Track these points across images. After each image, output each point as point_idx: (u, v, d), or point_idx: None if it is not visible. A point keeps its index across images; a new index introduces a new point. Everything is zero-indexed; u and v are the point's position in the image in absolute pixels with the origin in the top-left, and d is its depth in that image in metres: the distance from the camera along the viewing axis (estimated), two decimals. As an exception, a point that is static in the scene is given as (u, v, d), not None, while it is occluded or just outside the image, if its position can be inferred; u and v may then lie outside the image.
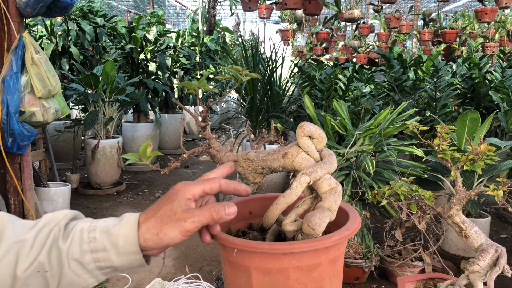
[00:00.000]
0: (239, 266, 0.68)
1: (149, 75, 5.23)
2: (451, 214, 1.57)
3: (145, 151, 0.68)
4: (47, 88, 2.70)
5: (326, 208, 0.69)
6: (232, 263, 0.69)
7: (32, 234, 0.62)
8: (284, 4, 3.33)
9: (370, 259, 2.20)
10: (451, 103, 3.45)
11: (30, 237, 0.62)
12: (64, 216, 0.64)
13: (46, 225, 0.63)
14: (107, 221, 0.64)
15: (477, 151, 1.54)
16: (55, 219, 0.64)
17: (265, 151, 0.84)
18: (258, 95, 3.78)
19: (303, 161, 0.74)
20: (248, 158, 0.82)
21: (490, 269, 1.46)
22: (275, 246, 0.64)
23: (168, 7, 15.62)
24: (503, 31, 5.89)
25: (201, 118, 0.84)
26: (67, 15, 4.71)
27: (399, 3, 11.50)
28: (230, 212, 0.64)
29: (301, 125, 0.78)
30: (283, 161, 0.80)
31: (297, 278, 0.66)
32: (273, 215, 0.72)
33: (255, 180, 0.87)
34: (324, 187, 0.71)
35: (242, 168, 0.84)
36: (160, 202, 0.64)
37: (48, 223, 0.64)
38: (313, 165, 0.71)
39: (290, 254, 0.65)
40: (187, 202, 0.62)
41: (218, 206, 0.63)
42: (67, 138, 4.72)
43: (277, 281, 0.66)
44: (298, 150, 0.77)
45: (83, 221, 0.64)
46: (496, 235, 2.97)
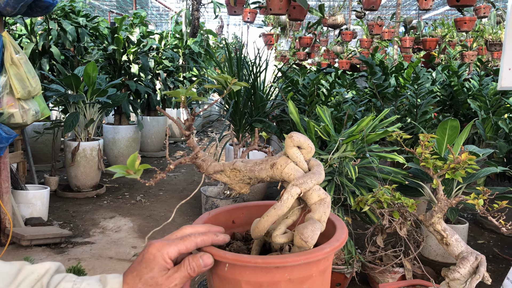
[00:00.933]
0: (229, 280, 0.67)
1: (131, 76, 5.17)
2: (433, 222, 1.59)
3: (133, 164, 0.66)
4: (27, 89, 2.65)
5: (316, 220, 0.69)
6: (222, 277, 0.68)
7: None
8: (269, 9, 3.33)
9: (352, 265, 2.22)
10: (431, 110, 3.51)
11: None
12: (45, 271, 0.63)
13: (25, 278, 0.62)
14: (91, 281, 0.63)
15: (459, 159, 1.57)
16: (35, 272, 0.62)
17: (252, 160, 0.83)
18: (241, 99, 3.78)
19: (292, 172, 0.74)
20: (235, 168, 0.82)
21: (470, 277, 1.48)
22: (269, 260, 0.64)
23: (151, 8, 15.49)
24: (481, 40, 6.04)
25: (186, 127, 0.82)
26: (48, 15, 4.62)
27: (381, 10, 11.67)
28: (206, 264, 0.65)
29: (290, 135, 0.77)
30: (271, 171, 0.80)
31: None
32: (263, 227, 0.72)
33: (242, 190, 0.87)
34: (314, 198, 0.71)
35: (229, 178, 0.83)
36: (139, 269, 0.63)
37: (27, 276, 0.62)
38: (302, 176, 0.71)
39: (282, 268, 0.64)
40: (166, 267, 0.63)
41: (193, 262, 0.64)
42: (46, 139, 4.63)
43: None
44: (287, 160, 0.77)
45: (65, 281, 0.63)
46: (473, 240, 3.03)
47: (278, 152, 0.85)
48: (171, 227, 3.16)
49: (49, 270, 0.63)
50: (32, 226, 2.90)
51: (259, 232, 0.73)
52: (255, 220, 0.79)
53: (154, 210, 3.52)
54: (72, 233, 2.95)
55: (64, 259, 2.56)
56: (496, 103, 3.58)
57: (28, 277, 0.62)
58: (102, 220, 3.27)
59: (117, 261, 2.56)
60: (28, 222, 2.95)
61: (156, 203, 3.69)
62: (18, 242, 2.68)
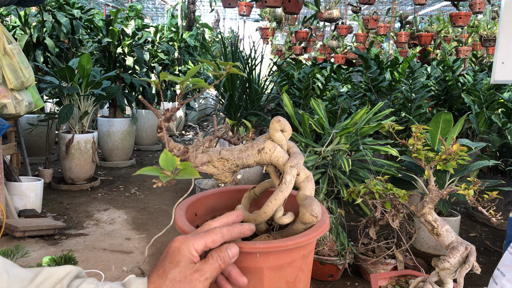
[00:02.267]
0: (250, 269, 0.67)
1: (126, 69, 5.15)
2: (424, 212, 1.60)
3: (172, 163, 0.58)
4: (20, 80, 2.63)
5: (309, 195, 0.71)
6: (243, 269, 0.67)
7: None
8: (264, 2, 3.33)
9: (344, 257, 2.23)
10: (425, 104, 3.52)
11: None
12: (66, 273, 0.61)
13: (45, 280, 0.60)
14: (115, 284, 0.61)
15: (450, 151, 1.58)
16: (55, 275, 0.60)
17: (236, 148, 0.83)
18: (237, 92, 3.78)
19: (280, 155, 0.75)
20: (223, 157, 0.80)
21: (460, 266, 1.50)
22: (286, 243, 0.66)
23: (147, 1, 15.41)
24: (476, 36, 6.05)
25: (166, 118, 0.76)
26: (42, 6, 4.59)
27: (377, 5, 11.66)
28: (233, 254, 0.62)
29: (278, 119, 0.78)
30: (258, 156, 0.80)
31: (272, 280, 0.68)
32: (272, 210, 0.73)
33: (226, 180, 0.86)
34: (302, 176, 0.72)
35: (217, 169, 0.82)
36: (164, 265, 0.60)
37: (47, 278, 0.60)
38: (293, 157, 0.73)
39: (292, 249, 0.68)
40: (192, 261, 0.60)
41: (222, 253, 0.61)
42: (40, 132, 4.61)
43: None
44: (274, 144, 0.78)
45: (87, 283, 0.61)
46: (465, 233, 3.06)
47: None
48: (165, 219, 3.16)
49: (70, 273, 0.62)
50: (25, 217, 2.89)
51: (266, 217, 0.73)
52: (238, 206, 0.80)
53: (148, 202, 3.52)
54: (66, 225, 2.94)
55: (57, 250, 2.56)
56: (490, 98, 3.60)
57: (48, 279, 0.60)
58: (96, 212, 3.27)
59: (110, 252, 2.56)
60: (22, 214, 2.94)
61: (150, 196, 3.69)
62: (11, 234, 2.67)
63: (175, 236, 0.63)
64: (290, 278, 0.67)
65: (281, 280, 0.66)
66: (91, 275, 2.20)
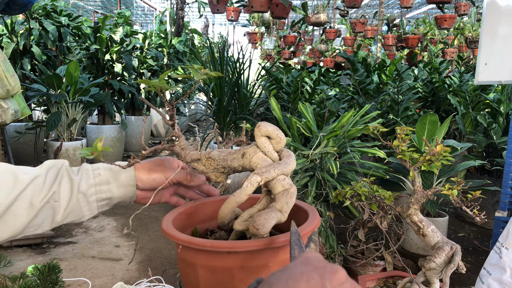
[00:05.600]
0: (187, 263, 0.68)
1: (114, 76, 5.13)
2: (410, 213, 1.61)
3: (96, 146, 0.72)
4: (5, 88, 2.62)
5: (277, 209, 0.68)
6: (182, 260, 0.69)
7: (43, 170, 0.73)
8: (251, 7, 3.34)
9: (333, 259, 2.24)
10: (412, 106, 3.55)
11: (42, 172, 0.72)
12: (63, 161, 0.77)
13: (52, 166, 0.75)
14: (105, 163, 0.79)
15: (434, 151, 1.60)
16: (58, 162, 0.76)
17: (227, 150, 0.84)
18: (225, 97, 3.78)
19: (259, 161, 0.74)
20: (210, 157, 0.83)
21: (445, 266, 1.51)
22: (218, 244, 0.64)
23: (136, 8, 15.40)
24: (461, 38, 6.13)
25: (169, 117, 0.86)
26: (28, 14, 4.56)
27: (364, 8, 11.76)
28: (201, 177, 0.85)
29: (258, 124, 0.78)
30: (242, 160, 0.80)
31: (242, 278, 0.66)
32: (224, 213, 0.73)
33: (218, 179, 0.88)
34: (278, 188, 0.70)
35: (205, 166, 0.85)
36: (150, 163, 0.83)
37: (54, 165, 0.75)
38: (267, 165, 0.72)
39: (234, 253, 0.65)
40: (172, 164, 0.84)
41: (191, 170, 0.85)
42: (29, 140, 4.57)
43: (222, 279, 0.66)
44: (256, 150, 0.78)
45: (85, 164, 0.79)
46: (454, 234, 3.08)
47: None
48: (155, 226, 3.15)
49: (66, 161, 0.78)
50: (13, 227, 2.86)
51: (220, 218, 0.74)
52: None
53: (138, 208, 3.50)
54: (54, 233, 2.92)
55: (45, 259, 2.53)
56: (476, 99, 3.64)
57: (55, 164, 0.76)
58: (86, 220, 3.24)
59: (99, 260, 2.54)
60: (9, 223, 2.91)
61: (140, 202, 3.67)
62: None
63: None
64: (224, 280, 0.67)
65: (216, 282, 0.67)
66: (80, 284, 2.19)
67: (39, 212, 0.70)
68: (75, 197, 0.74)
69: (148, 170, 0.81)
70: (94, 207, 0.77)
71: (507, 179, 2.06)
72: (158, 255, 2.62)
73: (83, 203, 0.75)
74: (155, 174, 0.81)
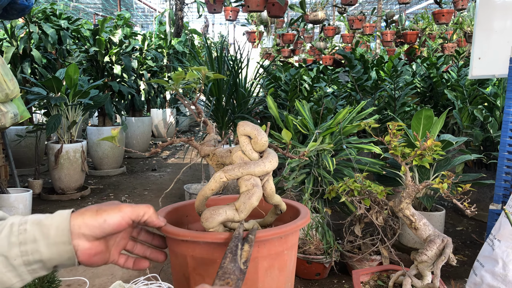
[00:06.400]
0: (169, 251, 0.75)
1: (114, 78, 5.17)
2: (402, 207, 1.63)
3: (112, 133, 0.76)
4: (5, 92, 2.65)
5: (235, 208, 0.71)
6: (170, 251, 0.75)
7: None
8: (247, 6, 3.36)
9: (330, 255, 2.26)
10: (410, 101, 3.56)
11: None
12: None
13: None
14: (39, 215, 0.64)
15: (425, 146, 1.61)
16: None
17: (226, 148, 0.88)
18: (223, 96, 3.80)
19: (236, 160, 0.77)
20: (215, 153, 0.87)
21: (437, 259, 1.52)
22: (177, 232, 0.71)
23: (136, 9, 15.44)
24: (460, 32, 6.12)
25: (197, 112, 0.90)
26: (28, 18, 4.60)
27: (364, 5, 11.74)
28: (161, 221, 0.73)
29: (238, 124, 0.80)
30: (230, 158, 0.83)
31: (195, 267, 0.70)
32: (197, 205, 0.77)
33: None
34: (242, 187, 0.73)
35: (211, 161, 0.89)
36: (98, 205, 0.68)
37: None
38: (236, 164, 0.74)
39: (185, 242, 0.70)
40: None
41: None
42: (30, 143, 4.61)
43: (180, 263, 0.72)
44: (238, 148, 0.80)
45: (13, 217, 0.63)
46: (452, 228, 3.09)
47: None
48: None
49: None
50: (15, 228, 2.89)
51: (197, 210, 0.78)
52: None
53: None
54: (56, 235, 2.95)
55: (47, 260, 2.56)
56: (473, 93, 3.64)
57: None
58: None
59: (100, 260, 2.57)
60: (11, 225, 2.94)
61: (140, 203, 3.70)
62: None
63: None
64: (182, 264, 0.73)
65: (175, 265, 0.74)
66: (80, 284, 2.22)
67: None
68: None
69: (95, 211, 0.64)
70: (23, 272, 0.61)
71: (501, 172, 2.07)
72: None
73: (6, 268, 0.59)
74: (107, 214, 0.64)
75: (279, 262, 0.71)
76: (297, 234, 0.77)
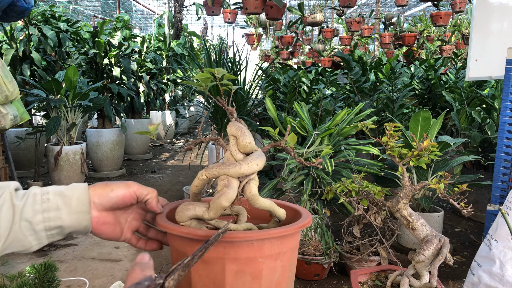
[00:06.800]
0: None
1: (113, 80, 5.18)
2: (399, 208, 1.64)
3: (150, 128, 0.74)
4: (4, 94, 2.66)
5: (208, 206, 0.72)
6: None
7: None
8: (245, 9, 3.38)
9: (329, 256, 2.27)
10: (408, 103, 3.58)
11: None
12: (8, 184, 0.68)
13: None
14: (58, 187, 0.70)
15: (421, 147, 1.62)
16: (3, 185, 0.68)
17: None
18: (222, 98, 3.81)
19: (225, 159, 0.77)
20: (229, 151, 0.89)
21: (434, 258, 1.53)
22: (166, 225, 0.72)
23: (135, 12, 15.47)
24: (458, 34, 6.15)
25: (230, 112, 0.86)
26: (27, 20, 4.61)
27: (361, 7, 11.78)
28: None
29: (228, 124, 0.79)
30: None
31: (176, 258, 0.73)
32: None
33: None
34: (218, 187, 0.73)
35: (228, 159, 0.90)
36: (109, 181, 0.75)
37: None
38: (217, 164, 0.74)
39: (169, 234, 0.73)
40: None
41: None
42: (29, 145, 4.62)
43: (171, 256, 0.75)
44: (227, 147, 0.81)
45: (34, 187, 0.69)
46: (451, 229, 3.10)
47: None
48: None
49: (12, 184, 0.69)
50: (14, 230, 2.90)
51: None
52: None
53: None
54: (55, 236, 2.96)
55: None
56: (471, 95, 3.66)
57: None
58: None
59: (99, 261, 2.58)
60: (11, 227, 2.95)
61: (140, 204, 3.71)
62: (0, 247, 2.68)
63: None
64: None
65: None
66: (80, 285, 2.22)
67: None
68: (17, 225, 0.65)
69: (105, 184, 0.72)
70: (43, 236, 0.67)
71: (498, 173, 2.08)
72: (157, 255, 2.66)
73: (28, 232, 0.66)
74: (115, 186, 0.72)
75: (251, 269, 0.69)
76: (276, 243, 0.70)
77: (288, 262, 0.74)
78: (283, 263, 0.72)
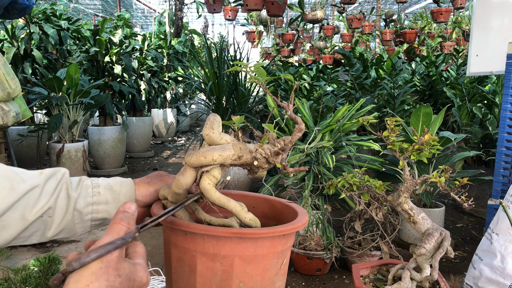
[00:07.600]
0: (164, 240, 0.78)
1: (114, 77, 5.19)
2: (400, 201, 1.65)
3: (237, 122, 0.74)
4: (6, 91, 2.67)
5: None
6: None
7: (42, 180, 0.69)
8: (246, 5, 3.38)
9: (331, 251, 2.28)
10: (409, 99, 3.58)
11: (40, 182, 0.69)
12: (65, 171, 0.73)
13: (52, 176, 0.71)
14: (107, 180, 0.76)
15: (422, 141, 1.63)
16: (60, 172, 0.72)
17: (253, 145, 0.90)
18: (223, 95, 3.82)
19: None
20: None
21: (435, 252, 1.54)
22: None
23: (135, 10, 15.46)
24: (459, 31, 6.14)
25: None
26: (28, 18, 4.62)
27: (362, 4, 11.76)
28: None
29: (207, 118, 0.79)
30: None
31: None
32: None
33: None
34: None
35: None
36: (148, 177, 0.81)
37: (53, 174, 0.71)
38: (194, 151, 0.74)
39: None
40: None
41: None
42: (31, 143, 4.63)
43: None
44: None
45: (85, 178, 0.75)
46: (452, 224, 3.11)
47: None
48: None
49: (67, 171, 0.74)
50: (17, 227, 2.92)
51: None
52: None
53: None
54: (58, 233, 2.97)
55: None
56: (472, 91, 3.66)
57: (55, 173, 0.71)
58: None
59: (102, 257, 2.59)
60: (14, 224, 2.96)
61: (142, 201, 3.72)
62: (3, 243, 2.69)
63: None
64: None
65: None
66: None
67: (30, 225, 0.67)
68: (70, 214, 0.71)
69: (147, 183, 0.78)
70: (88, 225, 0.74)
71: (499, 168, 2.09)
72: (159, 251, 2.67)
73: (77, 221, 0.72)
74: (156, 185, 0.78)
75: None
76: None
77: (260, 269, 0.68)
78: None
